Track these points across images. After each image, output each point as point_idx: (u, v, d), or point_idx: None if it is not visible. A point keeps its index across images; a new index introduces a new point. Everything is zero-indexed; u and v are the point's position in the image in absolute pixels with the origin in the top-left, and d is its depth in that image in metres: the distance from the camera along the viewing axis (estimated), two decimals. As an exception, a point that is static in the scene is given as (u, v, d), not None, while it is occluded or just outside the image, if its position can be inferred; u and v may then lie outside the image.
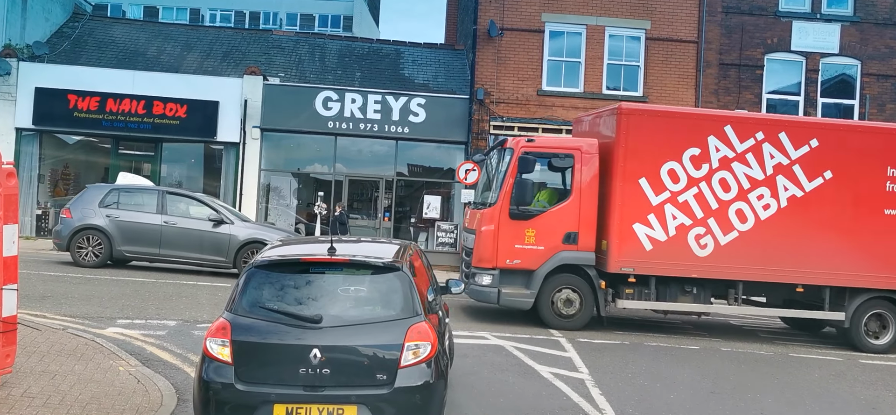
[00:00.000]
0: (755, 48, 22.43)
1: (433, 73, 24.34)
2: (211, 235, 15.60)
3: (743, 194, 11.94)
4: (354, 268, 6.03)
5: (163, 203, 15.87)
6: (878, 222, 12.03)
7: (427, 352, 5.60)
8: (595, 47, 22.15)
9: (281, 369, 5.47)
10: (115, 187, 16.48)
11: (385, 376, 5.49)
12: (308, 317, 5.55)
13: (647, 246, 11.82)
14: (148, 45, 23.92)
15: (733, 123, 12.16)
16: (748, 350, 11.41)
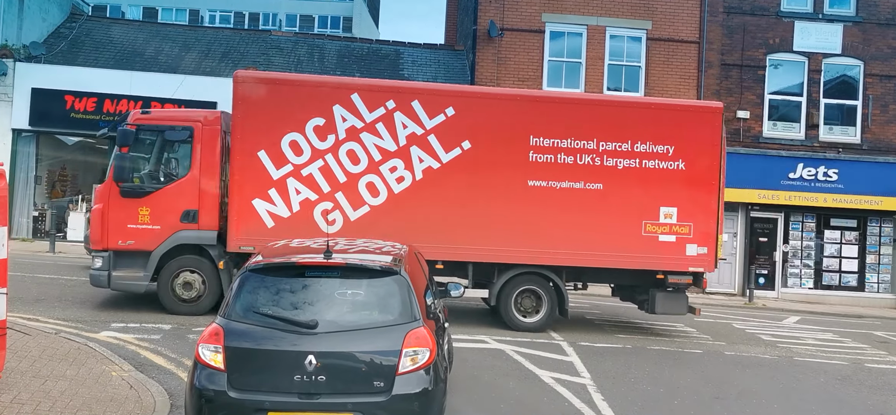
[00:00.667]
0: (757, 49, 22.27)
1: (433, 73, 24.17)
2: None
3: (374, 167, 11.40)
4: (351, 272, 5.86)
5: None
6: (521, 194, 11.54)
7: (426, 358, 5.46)
8: (596, 48, 21.99)
9: (275, 376, 5.31)
10: None
11: (382, 383, 5.34)
12: (303, 322, 5.41)
13: (270, 223, 11.23)
14: (146, 45, 23.75)
15: (361, 91, 11.57)
16: (752, 354, 11.25)
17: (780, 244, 22.32)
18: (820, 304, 21.38)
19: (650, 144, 11.69)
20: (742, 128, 22.12)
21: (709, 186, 11.99)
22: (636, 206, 11.67)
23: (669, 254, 11.73)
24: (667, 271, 11.77)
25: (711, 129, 12.17)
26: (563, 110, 11.98)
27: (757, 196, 21.74)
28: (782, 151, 22.03)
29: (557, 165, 11.58)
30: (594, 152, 11.64)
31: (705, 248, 11.91)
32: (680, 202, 11.76)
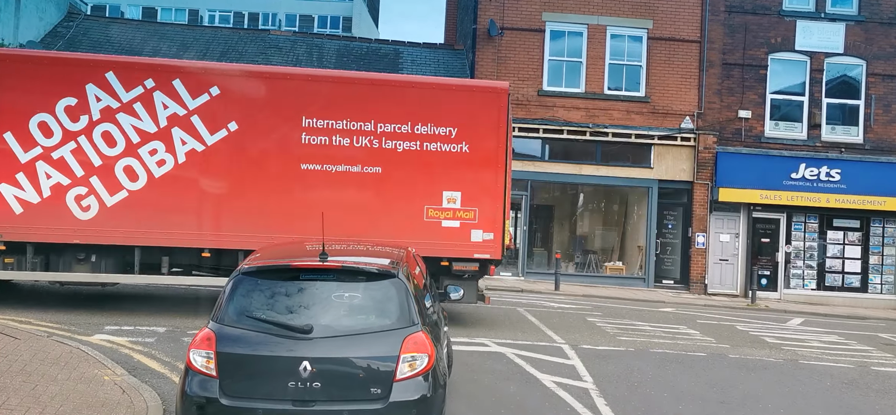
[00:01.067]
0: (759, 48, 22.10)
1: (432, 73, 23.97)
2: None
3: (132, 149, 10.90)
4: (348, 275, 5.70)
5: None
6: (294, 178, 11.17)
7: (424, 364, 5.29)
8: (596, 47, 21.83)
9: (269, 382, 5.16)
10: None
11: (379, 389, 5.19)
12: (298, 327, 5.25)
13: (18, 209, 10.71)
14: (143, 45, 23.56)
15: (116, 69, 11.04)
16: (756, 357, 11.08)
17: (783, 245, 22.15)
18: (823, 305, 21.22)
19: (431, 125, 11.45)
20: (744, 128, 21.96)
21: (494, 169, 11.64)
22: (418, 190, 11.42)
23: (454, 240, 11.47)
24: (451, 258, 11.43)
25: (496, 110, 11.76)
26: (338, 90, 11.59)
27: (759, 196, 21.59)
28: (784, 151, 21.87)
29: (333, 147, 11.25)
30: (372, 135, 11.32)
31: (491, 234, 11.60)
32: (464, 186, 11.52)
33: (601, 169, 21.80)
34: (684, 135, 21.75)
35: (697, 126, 21.74)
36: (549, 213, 23.46)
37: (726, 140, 21.90)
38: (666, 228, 22.25)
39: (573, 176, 21.88)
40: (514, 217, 22.12)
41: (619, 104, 21.70)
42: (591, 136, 21.64)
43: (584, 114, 21.66)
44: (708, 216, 21.81)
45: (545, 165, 21.76)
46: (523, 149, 21.71)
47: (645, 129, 21.67)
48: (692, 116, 21.79)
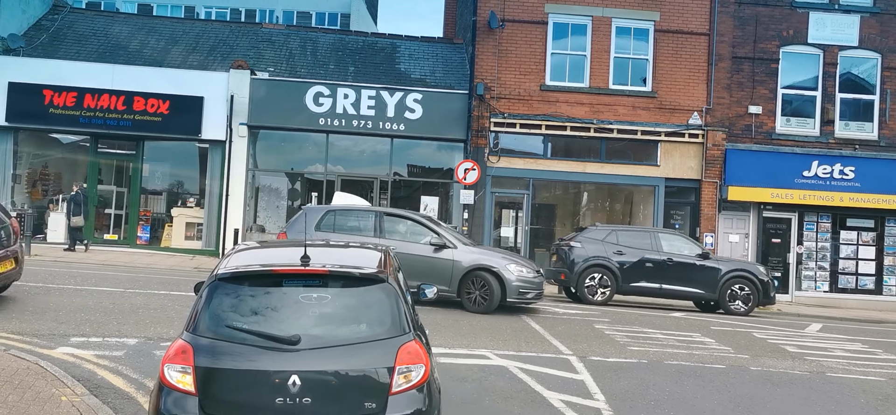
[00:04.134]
0: (770, 41, 21.26)
1: (430, 67, 23.17)
2: (431, 262, 13.28)
3: None
4: (335, 280, 5.18)
5: (380, 226, 13.79)
6: None
7: (420, 375, 4.91)
8: (601, 40, 20.98)
9: (254, 399, 4.69)
10: (331, 209, 14.54)
11: (374, 404, 4.79)
12: (285, 338, 4.78)
13: None
14: (131, 38, 22.74)
15: None
16: (780, 369, 10.23)
17: (794, 245, 21.33)
18: (836, 307, 20.41)
19: None
20: (754, 124, 21.14)
21: None
22: None
23: None
24: None
25: None
26: None
27: (770, 195, 20.77)
28: (796, 148, 21.05)
29: None
30: None
31: None
32: None
33: (606, 167, 20.98)
34: (692, 131, 20.92)
35: (706, 122, 20.91)
36: (552, 212, 22.61)
37: (736, 137, 21.07)
38: (673, 228, 21.37)
39: (577, 174, 21.04)
40: (515, 216, 21.29)
41: (624, 99, 20.87)
42: (595, 132, 20.81)
43: (589, 109, 20.82)
44: (716, 216, 20.98)
45: (547, 162, 20.92)
46: (525, 146, 20.89)
47: (651, 125, 20.83)
48: (700, 111, 20.96)
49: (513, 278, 13.16)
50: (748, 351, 11.39)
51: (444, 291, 13.03)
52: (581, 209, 22.53)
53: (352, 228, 13.84)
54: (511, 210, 21.53)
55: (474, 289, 13.20)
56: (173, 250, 20.44)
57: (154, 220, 21.22)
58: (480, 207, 20.59)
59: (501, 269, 13.21)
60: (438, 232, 13.66)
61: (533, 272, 13.65)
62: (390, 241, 13.14)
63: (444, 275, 13.16)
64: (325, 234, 13.41)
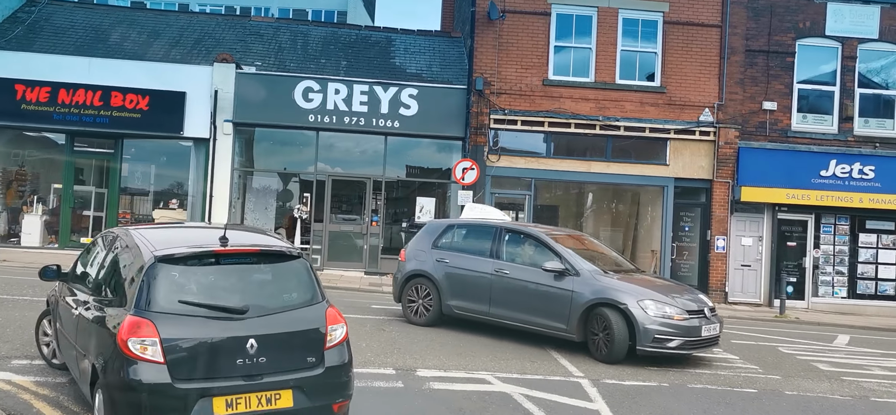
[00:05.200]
0: (785, 33, 20.13)
1: (427, 62, 22.03)
2: (545, 293, 10.67)
3: None
4: (264, 257, 6.05)
5: (499, 244, 11.63)
6: None
7: (343, 333, 6.03)
8: (607, 32, 19.84)
9: (218, 362, 5.38)
10: (453, 223, 12.87)
11: (314, 358, 5.76)
12: (236, 308, 5.54)
13: None
14: (111, 31, 21.57)
15: None
16: (818, 393, 9.10)
17: (811, 249, 20.19)
18: (855, 315, 19.29)
19: None
20: (769, 120, 20.01)
21: None
22: None
23: None
24: None
25: None
26: None
27: (785, 196, 19.63)
28: (813, 147, 19.92)
29: None
30: None
31: None
32: None
33: (612, 166, 19.84)
34: (703, 128, 19.78)
35: (718, 119, 19.78)
36: (554, 214, 21.45)
37: (749, 134, 19.94)
38: (682, 231, 20.28)
39: (581, 173, 19.90)
40: (515, 217, 20.17)
41: (631, 95, 19.74)
42: (600, 129, 19.67)
43: (594, 105, 19.69)
44: (729, 218, 19.85)
45: (550, 161, 19.78)
46: (526, 144, 19.76)
47: (660, 122, 19.70)
48: (712, 107, 19.83)
49: (647, 319, 9.81)
50: (778, 370, 10.25)
51: (561, 332, 10.42)
52: (585, 211, 21.40)
53: (470, 246, 11.95)
54: (511, 212, 20.39)
55: (598, 330, 10.11)
56: (154, 255, 19.24)
57: (134, 222, 20.04)
58: (479, 209, 19.41)
59: (631, 304, 9.92)
60: (561, 255, 10.76)
61: (682, 312, 10.00)
62: (505, 263, 11.19)
63: (560, 310, 10.43)
64: (442, 252, 11.98)
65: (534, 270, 10.83)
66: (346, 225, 20.17)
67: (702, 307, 10.31)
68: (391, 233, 20.78)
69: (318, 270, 19.38)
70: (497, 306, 11.03)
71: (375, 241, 19.89)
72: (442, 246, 12.19)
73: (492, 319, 11.16)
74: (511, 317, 10.88)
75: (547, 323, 10.52)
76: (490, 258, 11.41)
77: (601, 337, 10.02)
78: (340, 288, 16.60)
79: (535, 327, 10.68)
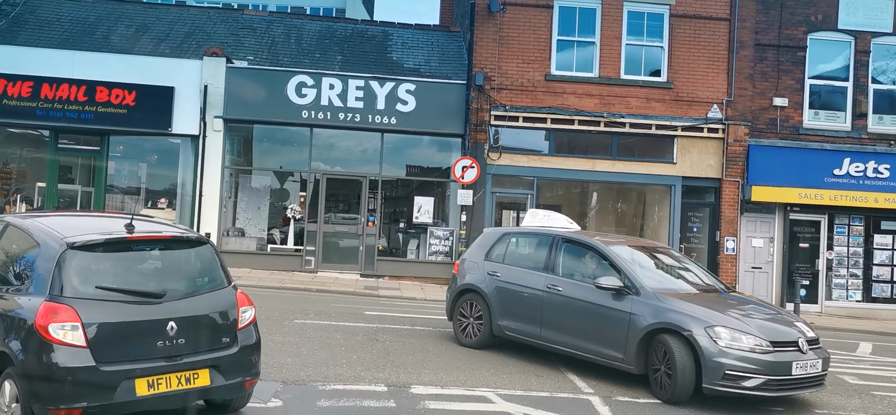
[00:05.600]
0: (797, 27, 19.40)
1: (425, 56, 21.29)
2: (600, 314, 9.01)
3: None
4: (174, 243, 6.24)
5: (554, 256, 9.96)
6: None
7: (252, 314, 6.30)
8: (612, 25, 19.11)
9: (140, 344, 5.53)
10: (508, 232, 11.29)
11: (228, 339, 6.02)
12: (154, 292, 5.70)
13: None
14: (98, 24, 20.83)
15: None
16: (850, 411, 8.36)
17: (824, 251, 19.47)
18: (871, 319, 18.58)
19: None
20: (779, 117, 19.29)
21: None
22: None
23: None
24: None
25: None
26: None
27: (797, 196, 18.92)
28: (826, 144, 19.20)
29: None
30: None
31: None
32: None
33: (617, 164, 19.12)
34: (712, 126, 19.06)
35: (727, 115, 19.06)
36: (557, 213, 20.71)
37: (759, 131, 19.22)
38: (690, 232, 19.57)
39: (585, 172, 19.17)
40: (516, 217, 19.46)
41: (637, 91, 19.01)
42: (605, 126, 18.95)
43: (598, 101, 18.96)
44: (738, 218, 19.13)
45: (553, 159, 19.05)
46: (528, 141, 19.04)
47: (667, 119, 18.98)
48: (721, 104, 19.11)
49: (716, 350, 7.92)
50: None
51: (617, 362, 8.75)
52: (589, 211, 20.67)
53: (524, 258, 10.51)
54: (512, 211, 19.67)
55: (659, 362, 8.33)
56: (142, 256, 18.51)
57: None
58: (480, 209, 18.73)
59: (697, 331, 8.07)
60: (620, 268, 9.08)
61: (765, 343, 8.00)
62: (559, 279, 9.64)
63: (616, 335, 8.75)
64: (495, 264, 10.58)
65: (588, 286, 9.22)
66: (341, 225, 19.44)
67: (795, 339, 8.28)
68: (389, 233, 20.05)
69: (312, 272, 18.66)
70: (549, 329, 9.48)
71: (372, 242, 19.16)
72: (495, 257, 10.72)
73: (543, 343, 9.63)
74: (562, 342, 9.32)
75: (601, 351, 8.86)
76: (543, 272, 9.85)
77: (662, 371, 8.23)
78: (334, 292, 15.87)
79: (589, 356, 9.07)
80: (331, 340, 9.90)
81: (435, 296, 16.34)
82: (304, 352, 9.04)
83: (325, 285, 16.59)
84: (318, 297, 14.92)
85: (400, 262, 19.24)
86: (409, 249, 19.60)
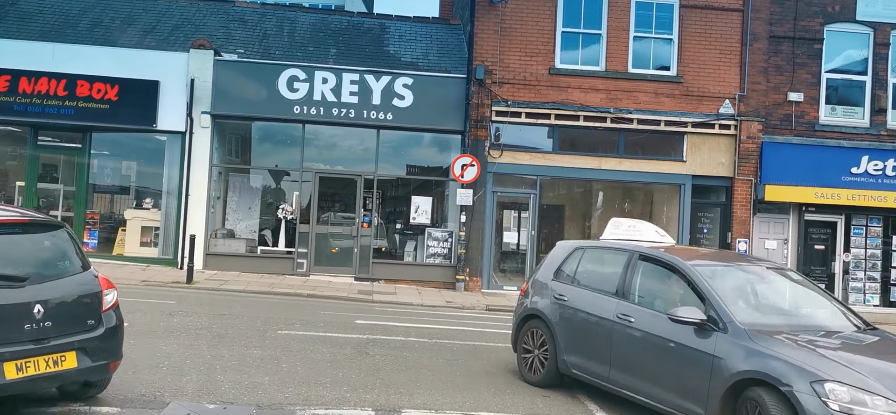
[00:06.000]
0: (813, 18, 18.51)
1: (424, 50, 20.41)
2: (678, 353, 6.96)
3: None
4: (32, 227, 6.17)
5: (630, 276, 7.95)
6: None
7: (115, 297, 6.43)
8: (619, 16, 18.22)
9: (8, 329, 5.44)
10: (581, 246, 9.17)
11: (94, 321, 6.12)
12: (17, 275, 5.62)
13: None
14: (82, 16, 19.95)
15: None
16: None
17: (840, 253, 18.59)
18: (889, 324, 17.59)
19: None
20: (794, 113, 18.41)
21: None
22: None
23: None
24: None
25: None
26: None
27: (813, 195, 18.04)
28: (843, 141, 18.32)
29: None
30: None
31: None
32: None
33: (624, 162, 18.24)
34: (723, 122, 18.19)
35: (739, 111, 18.19)
36: (560, 214, 19.89)
37: (773, 128, 18.35)
38: (701, 233, 18.70)
39: (590, 171, 18.29)
40: (517, 217, 18.60)
41: (645, 85, 18.13)
42: (612, 123, 18.07)
43: (605, 96, 18.07)
44: (751, 219, 18.26)
45: (557, 157, 18.17)
46: (531, 138, 18.16)
47: (676, 115, 18.10)
48: (733, 99, 18.24)
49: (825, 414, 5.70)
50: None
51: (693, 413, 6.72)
52: (594, 211, 19.78)
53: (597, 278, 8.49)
54: (513, 211, 18.79)
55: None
56: (126, 259, 17.66)
57: (105, 223, 18.45)
58: (480, 209, 17.84)
59: (799, 386, 5.90)
60: (705, 295, 7.00)
61: None
62: (631, 306, 7.65)
63: (695, 383, 6.72)
64: (563, 286, 8.68)
65: (665, 318, 7.15)
66: (334, 226, 18.56)
67: None
68: (386, 234, 19.17)
69: (304, 275, 17.78)
70: (618, 369, 7.56)
71: (367, 243, 18.28)
72: (564, 277, 8.81)
73: (611, 387, 7.69)
74: (632, 387, 7.35)
75: (676, 402, 6.85)
76: (614, 297, 7.89)
77: None
78: (325, 297, 14.99)
79: (662, 406, 7.04)
80: (316, 354, 9.02)
81: (432, 301, 15.47)
82: (284, 369, 8.17)
83: (317, 290, 15.72)
84: (308, 303, 14.04)
85: (396, 264, 18.36)
86: (406, 252, 18.72)
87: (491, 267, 18.10)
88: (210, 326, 10.25)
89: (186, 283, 15.12)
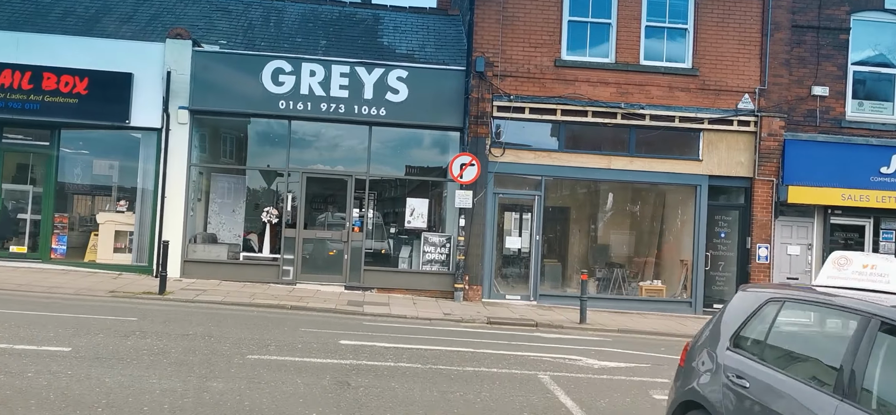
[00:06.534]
0: (839, 5, 17.19)
1: (420, 41, 19.08)
2: None
3: None
4: None
5: (860, 358, 4.28)
6: None
7: None
8: (630, 4, 16.90)
9: None
10: (777, 297, 5.42)
11: None
12: None
13: None
14: (54, 5, 18.60)
15: None
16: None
17: (869, 259, 17.21)
18: (921, 337, 16.34)
19: None
20: (819, 109, 17.07)
21: None
22: None
23: None
24: None
25: None
26: None
27: (839, 197, 16.72)
28: (872, 139, 17.01)
29: None
30: None
31: None
32: None
33: (635, 161, 16.92)
34: (742, 118, 16.87)
35: (759, 106, 16.87)
36: (566, 216, 18.54)
37: (796, 124, 17.03)
38: (718, 238, 17.37)
39: (599, 170, 16.96)
40: (519, 220, 17.27)
41: (658, 78, 16.81)
42: (622, 118, 16.75)
43: (615, 90, 16.74)
44: (772, 222, 16.94)
45: (563, 156, 16.84)
46: (535, 136, 16.83)
47: (692, 110, 16.78)
48: (752, 93, 16.91)
49: None
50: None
51: None
52: (603, 214, 18.45)
53: (797, 356, 5.14)
54: (515, 214, 17.45)
55: None
56: (98, 266, 16.33)
57: (76, 228, 17.11)
58: (480, 212, 16.51)
59: None
60: None
61: None
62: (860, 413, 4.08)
63: None
64: (744, 360, 5.18)
65: None
66: (323, 231, 17.21)
67: None
68: (380, 239, 17.82)
69: (290, 283, 16.44)
70: None
71: (358, 247, 16.94)
72: (748, 347, 5.42)
73: None
74: None
75: None
76: (833, 396, 4.34)
77: None
78: (310, 309, 13.63)
79: None
80: (287, 386, 7.68)
81: (428, 313, 14.13)
82: (246, 407, 6.83)
83: (303, 301, 14.37)
84: (290, 317, 12.69)
85: (390, 272, 17.02)
86: (400, 258, 17.38)
87: (492, 274, 16.78)
88: (168, 350, 8.90)
89: (158, 294, 13.78)
